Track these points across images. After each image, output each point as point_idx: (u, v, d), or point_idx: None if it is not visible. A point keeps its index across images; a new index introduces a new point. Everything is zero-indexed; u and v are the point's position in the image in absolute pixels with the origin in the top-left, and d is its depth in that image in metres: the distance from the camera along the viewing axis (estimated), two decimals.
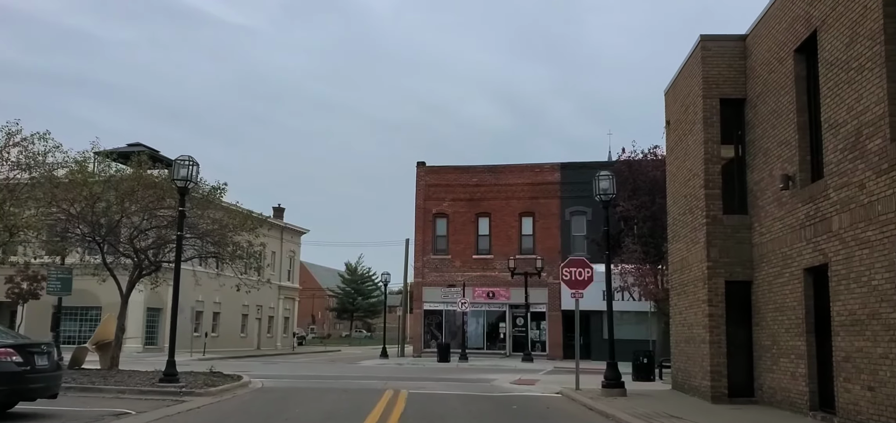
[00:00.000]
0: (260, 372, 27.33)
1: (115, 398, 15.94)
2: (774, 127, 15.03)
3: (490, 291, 42.39)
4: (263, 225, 23.74)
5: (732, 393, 15.93)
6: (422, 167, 44.52)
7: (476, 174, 43.76)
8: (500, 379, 24.08)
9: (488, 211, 43.14)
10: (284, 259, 64.81)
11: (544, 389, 20.44)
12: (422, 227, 43.69)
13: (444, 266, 43.08)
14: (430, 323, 43.46)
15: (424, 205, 43.93)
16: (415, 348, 43.50)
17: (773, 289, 14.91)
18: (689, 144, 18.08)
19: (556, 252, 41.79)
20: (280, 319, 63.96)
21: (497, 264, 42.39)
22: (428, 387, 20.61)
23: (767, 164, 15.40)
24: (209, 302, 52.98)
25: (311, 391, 19.41)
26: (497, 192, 43.14)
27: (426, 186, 44.13)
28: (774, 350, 14.82)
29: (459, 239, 43.17)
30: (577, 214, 42.08)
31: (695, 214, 17.44)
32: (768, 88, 15.42)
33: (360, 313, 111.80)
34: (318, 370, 30.40)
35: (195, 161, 17.75)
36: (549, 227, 42.20)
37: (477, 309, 42.53)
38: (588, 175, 44.43)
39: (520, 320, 42.10)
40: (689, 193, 18.02)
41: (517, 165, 43.53)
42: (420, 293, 43.38)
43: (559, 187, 42.45)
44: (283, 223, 64.35)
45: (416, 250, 43.93)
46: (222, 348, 53.08)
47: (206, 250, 22.49)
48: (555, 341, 41.45)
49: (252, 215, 23.54)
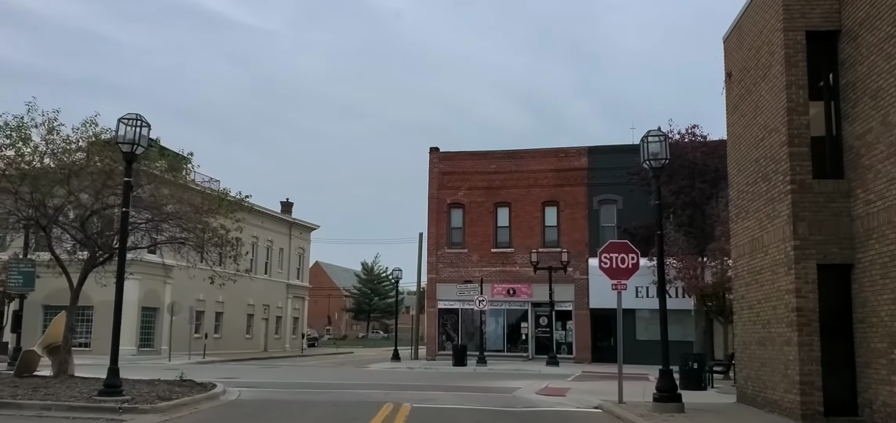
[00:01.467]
0: (248, 378, 23.90)
1: (35, 418, 12.55)
2: (891, 58, 11.26)
3: (510, 287, 38.67)
4: (243, 209, 20.19)
5: (829, 411, 12.20)
6: (435, 153, 40.89)
7: (494, 160, 40.04)
8: (524, 388, 20.42)
9: (508, 200, 39.38)
10: (293, 256, 61.51)
11: (578, 401, 16.75)
12: (436, 219, 40.06)
13: (460, 261, 39.44)
14: (444, 323, 39.79)
15: (438, 195, 40.30)
16: (428, 351, 39.88)
17: (892, 274, 11.14)
18: (761, 95, 14.33)
19: (582, 245, 38.00)
20: (288, 319, 60.64)
21: (518, 259, 38.70)
22: (438, 399, 17.01)
23: (878, 109, 11.63)
24: (211, 301, 49.75)
25: (294, 404, 15.91)
26: (518, 179, 39.39)
27: (440, 174, 40.51)
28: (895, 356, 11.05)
29: (477, 231, 39.48)
30: (607, 202, 38.24)
31: (772, 180, 13.69)
32: (880, 9, 11.65)
33: (376, 313, 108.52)
34: (317, 376, 26.93)
35: (146, 121, 14.29)
36: (575, 217, 38.39)
37: (496, 308, 38.83)
38: (618, 160, 40.93)
39: (543, 319, 38.36)
40: (762, 157, 14.27)
41: (539, 150, 39.75)
42: (434, 291, 39.75)
43: (586, 174, 38.61)
44: (292, 219, 61.05)
45: (430, 244, 40.33)
46: (225, 350, 49.86)
47: (173, 236, 18.94)
48: (582, 343, 37.64)
49: (227, 196, 19.93)
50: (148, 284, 43.32)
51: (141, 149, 14.37)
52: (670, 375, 14.60)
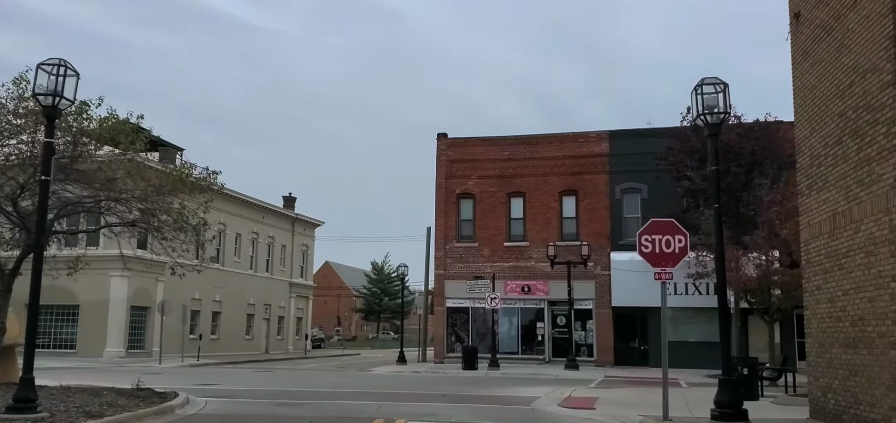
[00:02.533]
0: (229, 385, 21.02)
1: None
2: None
3: (525, 284, 35.59)
4: (209, 191, 17.17)
5: None
6: (443, 139, 37.88)
7: (507, 146, 36.98)
8: (543, 398, 17.36)
9: (523, 190, 36.29)
10: (296, 253, 58.72)
11: (613, 416, 13.65)
12: (444, 210, 37.04)
13: (470, 256, 36.41)
14: (454, 323, 36.76)
15: (446, 184, 37.27)
16: (436, 353, 36.85)
17: None
18: (849, 29, 11.23)
19: (604, 237, 34.89)
20: (291, 319, 57.83)
21: (533, 253, 35.63)
22: (440, 413, 13.98)
23: None
24: (208, 300, 47.04)
25: (263, 421, 12.98)
26: (533, 167, 36.30)
27: (448, 161, 37.50)
28: None
29: (488, 224, 36.43)
30: (630, 191, 35.09)
31: (867, 136, 10.61)
32: None
33: (386, 314, 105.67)
34: (309, 382, 24.04)
35: (73, 69, 11.40)
36: (595, 207, 35.27)
37: (509, 306, 35.78)
38: (642, 145, 37.70)
39: (561, 318, 35.27)
40: (851, 107, 11.18)
41: (556, 135, 36.63)
42: (442, 288, 36.73)
43: (608, 160, 35.47)
44: (295, 214, 58.24)
45: (438, 237, 37.33)
46: (223, 351, 47.12)
47: (123, 217, 15.97)
48: (604, 345, 34.50)
49: (190, 174, 16.82)
50: (137, 281, 40.58)
51: (67, 103, 11.47)
52: (734, 387, 11.56)
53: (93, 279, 39.28)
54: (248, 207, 51.42)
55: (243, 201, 50.68)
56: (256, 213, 52.73)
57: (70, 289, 39.57)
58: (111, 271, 39.20)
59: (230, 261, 49.40)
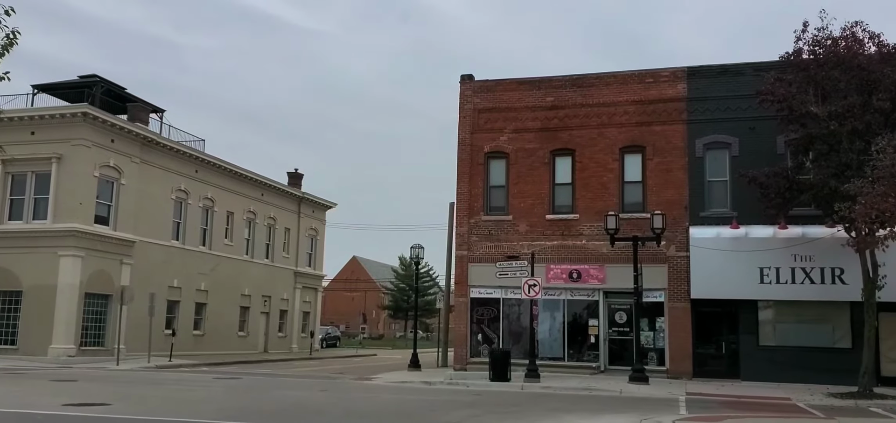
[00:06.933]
0: (134, 409, 13.17)
1: None
2: None
3: (573, 269, 27.10)
4: None
5: None
6: (468, 83, 29.52)
7: (552, 90, 28.48)
8: None
9: (571, 146, 27.79)
10: (303, 239, 51.03)
11: None
12: (468, 174, 28.77)
13: (502, 232, 28.09)
14: (480, 319, 28.40)
15: (472, 140, 28.99)
16: (456, 357, 28.55)
17: None
18: None
19: (680, 208, 26.31)
20: (297, 313, 50.12)
21: (585, 229, 27.21)
22: None
23: None
24: (190, 288, 39.60)
25: None
26: (585, 117, 27.84)
27: (475, 111, 29.20)
28: None
29: (526, 191, 28.06)
30: (716, 146, 26.37)
31: None
32: None
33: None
34: (256, 403, 16.14)
35: None
36: (669, 168, 26.63)
37: (552, 297, 27.34)
38: (732, 86, 25.66)
39: (621, 314, 26.76)
40: None
41: (617, 73, 27.95)
42: (465, 273, 28.46)
43: (685, 106, 26.81)
44: (301, 193, 50.52)
45: (460, 210, 29.10)
46: (210, 349, 39.69)
47: None
48: (680, 350, 25.83)
49: None
50: (96, 262, 33.23)
51: None
52: None
53: (39, 260, 32.06)
54: (241, 180, 43.83)
55: (235, 174, 43.12)
56: (253, 189, 45.14)
57: (13, 271, 32.42)
58: (60, 250, 31.96)
59: (219, 243, 41.85)
